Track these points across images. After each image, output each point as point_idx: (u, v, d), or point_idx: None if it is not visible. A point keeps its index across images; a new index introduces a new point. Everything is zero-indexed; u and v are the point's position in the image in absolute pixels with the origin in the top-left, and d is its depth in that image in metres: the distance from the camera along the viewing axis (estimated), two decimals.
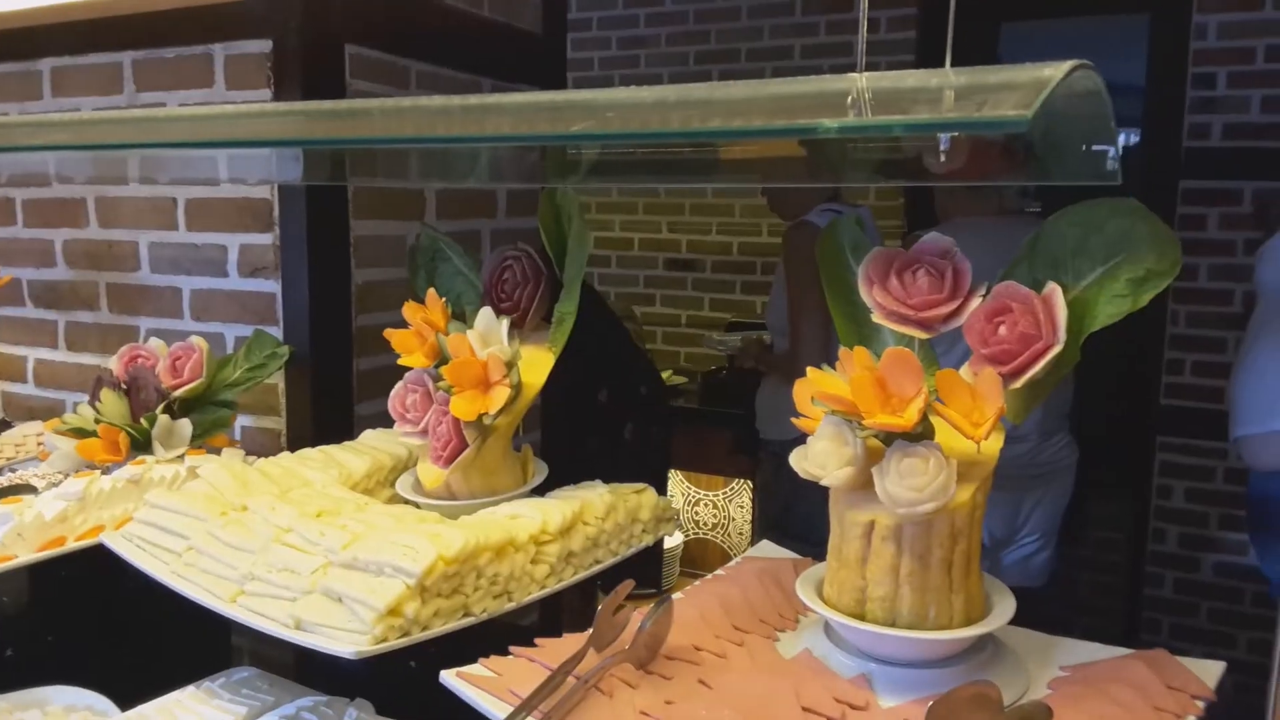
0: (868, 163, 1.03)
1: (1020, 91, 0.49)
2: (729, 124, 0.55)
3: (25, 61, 1.94)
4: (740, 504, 3.68)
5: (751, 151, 0.89)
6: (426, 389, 1.31)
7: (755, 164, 1.04)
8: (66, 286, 1.95)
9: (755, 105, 0.57)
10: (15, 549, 1.24)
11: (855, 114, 0.60)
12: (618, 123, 0.56)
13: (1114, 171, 0.77)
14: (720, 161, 1.06)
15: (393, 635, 0.98)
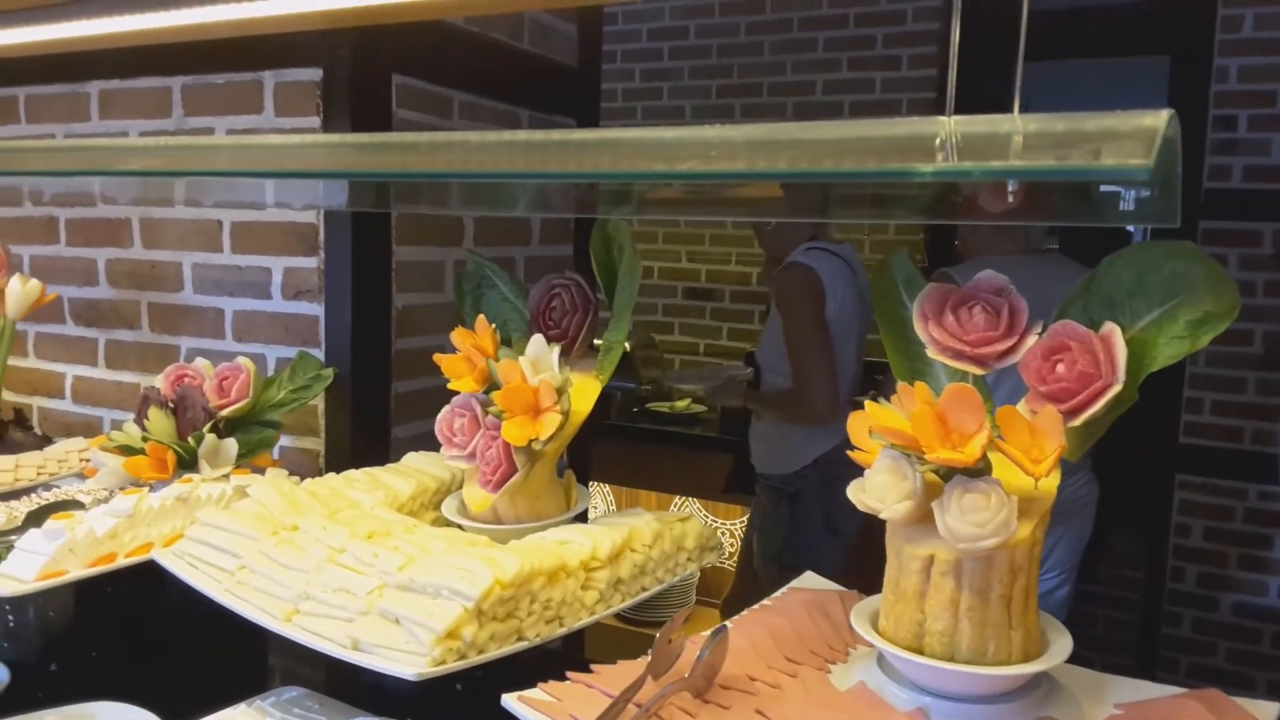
0: (921, 200, 1.05)
1: (1131, 140, 0.51)
2: (840, 165, 0.57)
3: (73, 83, 1.98)
4: None
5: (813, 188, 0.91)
6: (474, 414, 1.33)
7: (814, 199, 1.06)
8: (108, 305, 1.98)
9: (849, 146, 0.59)
10: (67, 564, 1.25)
11: (944, 157, 0.62)
12: (722, 162, 0.58)
13: (1174, 213, 0.80)
14: (780, 198, 1.09)
15: (451, 658, 0.99)
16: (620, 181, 0.85)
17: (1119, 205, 0.81)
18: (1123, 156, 0.51)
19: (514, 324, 1.45)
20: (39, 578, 1.23)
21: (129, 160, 1.56)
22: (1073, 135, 0.57)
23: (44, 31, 1.51)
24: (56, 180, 2.04)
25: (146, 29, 1.49)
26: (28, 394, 2.11)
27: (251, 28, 1.49)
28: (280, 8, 1.34)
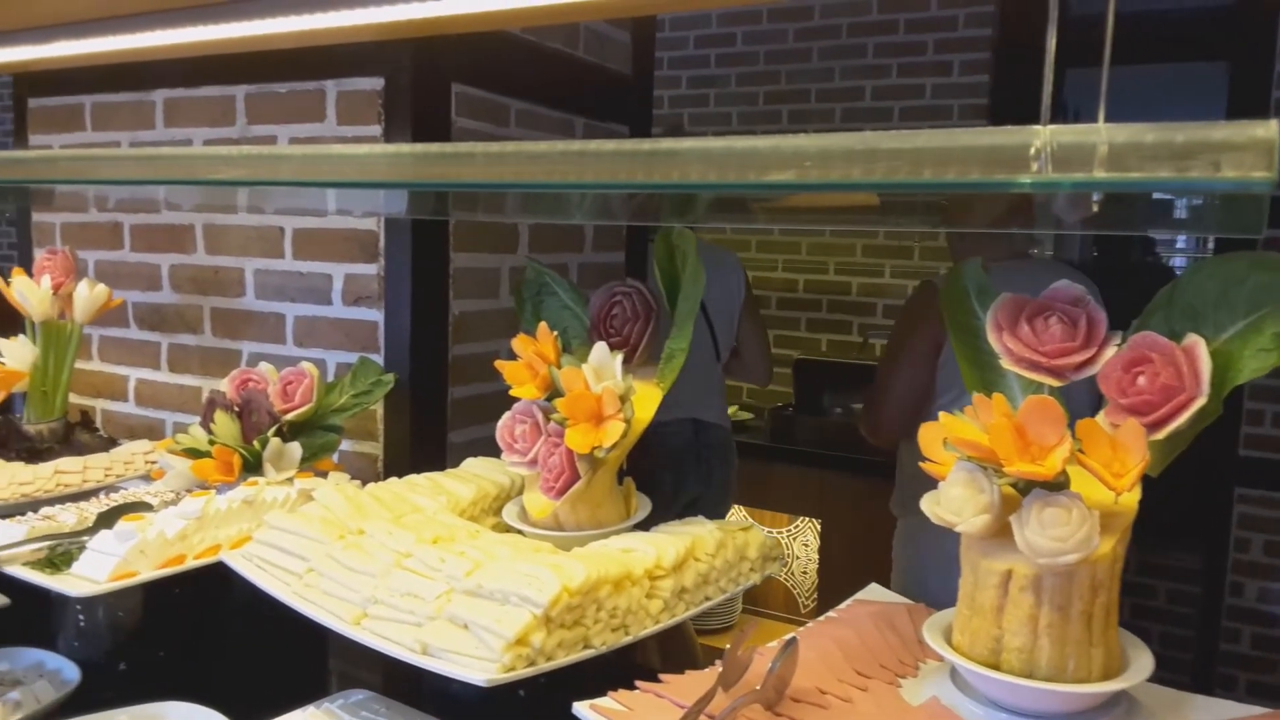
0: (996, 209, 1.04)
1: (1249, 152, 0.50)
2: (942, 176, 0.56)
3: (139, 92, 2.02)
4: (805, 541, 3.65)
5: (895, 198, 0.90)
6: (536, 420, 1.33)
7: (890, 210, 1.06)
8: (171, 310, 2.02)
9: (949, 156, 0.58)
10: (138, 565, 1.27)
11: (1039, 167, 0.62)
12: (816, 173, 0.58)
13: (1259, 224, 0.78)
14: (856, 207, 1.08)
15: (520, 664, 0.99)
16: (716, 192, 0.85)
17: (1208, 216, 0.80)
18: (1245, 169, 0.50)
19: (574, 331, 1.45)
20: (111, 578, 1.25)
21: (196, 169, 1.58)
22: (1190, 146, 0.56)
23: (113, 42, 1.54)
24: (122, 187, 2.09)
25: (213, 40, 1.51)
26: (92, 396, 2.16)
27: (315, 38, 1.51)
28: (344, 19, 1.36)
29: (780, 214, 1.46)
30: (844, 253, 3.93)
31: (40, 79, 2.16)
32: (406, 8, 1.28)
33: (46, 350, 1.77)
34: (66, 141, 2.14)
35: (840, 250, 3.93)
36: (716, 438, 2.92)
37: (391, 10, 1.30)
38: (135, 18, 1.49)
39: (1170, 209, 0.88)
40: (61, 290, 1.78)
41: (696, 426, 2.85)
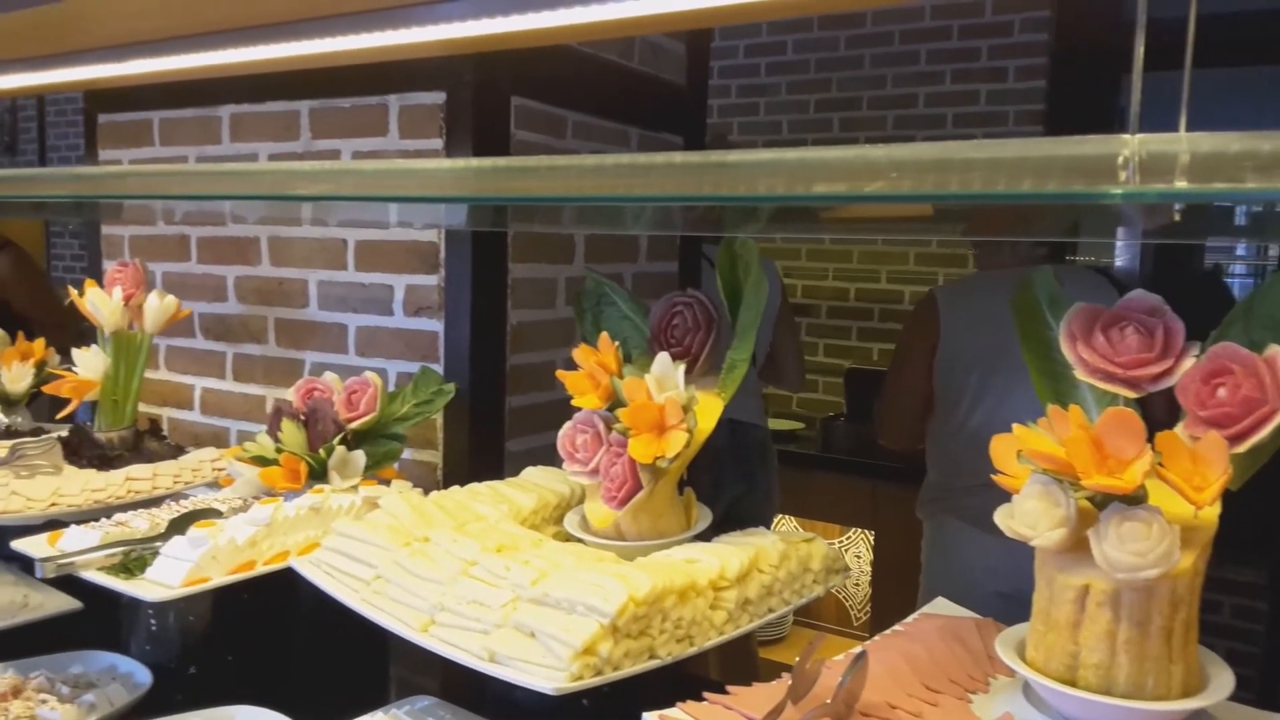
0: (1065, 217, 1.03)
1: None
2: (1040, 186, 0.56)
3: (206, 107, 2.07)
4: (857, 553, 3.62)
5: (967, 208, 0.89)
6: (597, 430, 1.34)
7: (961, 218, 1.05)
8: (236, 320, 2.06)
9: (1039, 166, 0.58)
10: (209, 571, 1.30)
11: (1127, 177, 0.61)
12: (908, 184, 0.58)
13: None
14: (916, 216, 1.07)
15: (588, 673, 1.00)
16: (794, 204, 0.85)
17: None
18: None
19: (633, 341, 1.46)
20: (184, 584, 1.28)
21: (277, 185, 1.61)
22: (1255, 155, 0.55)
23: (182, 61, 1.58)
24: (189, 201, 2.14)
25: (280, 58, 1.54)
26: (158, 405, 2.21)
27: (378, 55, 1.54)
28: (409, 37, 1.38)
29: (845, 223, 1.46)
30: (897, 261, 3.90)
31: (110, 95, 2.22)
32: (470, 25, 1.30)
33: (117, 360, 1.81)
34: (135, 156, 2.20)
35: (893, 259, 3.90)
36: (755, 437, 2.95)
37: (456, 28, 1.32)
38: (203, 37, 1.53)
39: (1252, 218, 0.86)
40: (132, 301, 1.82)
41: (733, 427, 2.87)
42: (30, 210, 2.67)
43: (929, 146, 0.66)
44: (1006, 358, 2.36)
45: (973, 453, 2.47)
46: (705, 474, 2.80)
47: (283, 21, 1.43)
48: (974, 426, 2.43)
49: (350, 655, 1.56)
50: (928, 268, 3.85)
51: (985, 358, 2.40)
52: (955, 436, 2.49)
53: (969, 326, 2.44)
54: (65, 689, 1.36)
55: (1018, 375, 2.44)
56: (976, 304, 2.48)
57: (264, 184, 1.54)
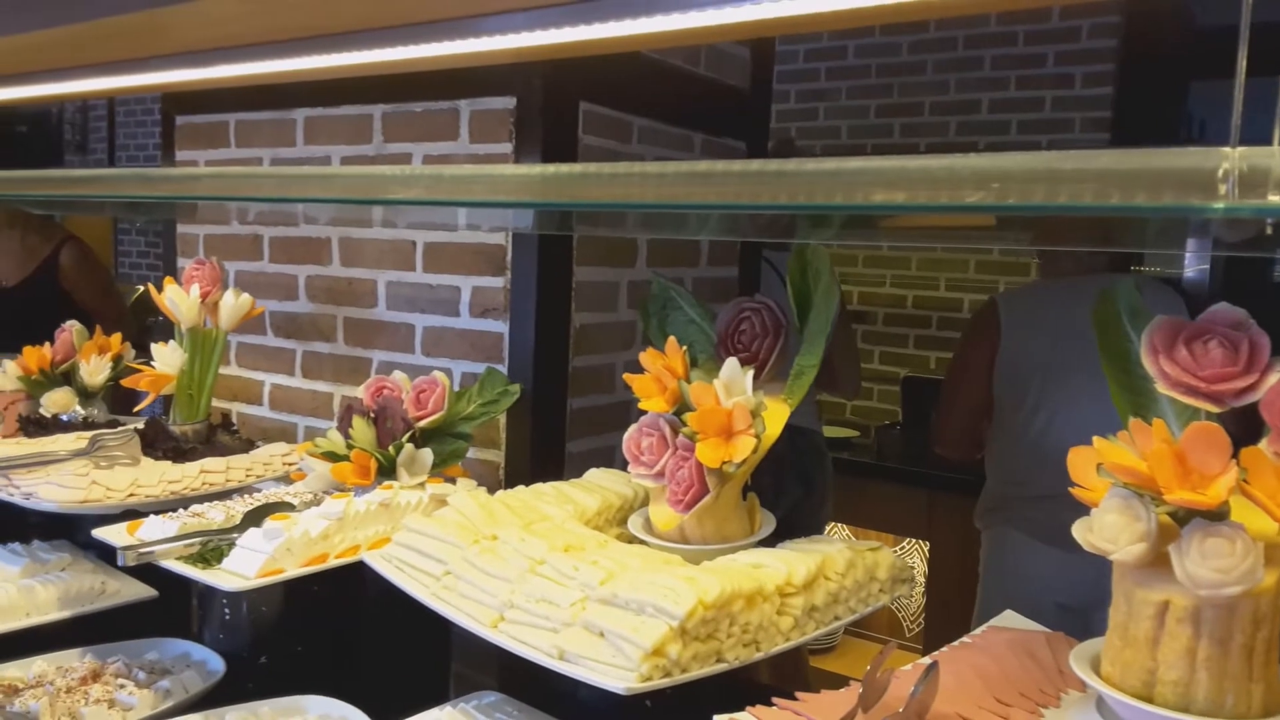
0: (1147, 229, 1.01)
1: None
2: (1130, 199, 0.56)
3: (281, 111, 2.12)
4: (911, 564, 3.58)
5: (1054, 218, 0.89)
6: (662, 434, 1.35)
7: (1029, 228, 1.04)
8: (306, 319, 2.11)
9: (1134, 178, 0.57)
10: (284, 563, 1.34)
11: (1227, 190, 0.60)
12: (1015, 195, 0.58)
13: None
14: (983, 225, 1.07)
15: (657, 674, 1.01)
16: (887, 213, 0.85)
17: None
18: None
19: (699, 345, 1.47)
20: (260, 574, 1.31)
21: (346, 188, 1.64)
22: None
23: (258, 67, 1.62)
24: (263, 202, 2.20)
25: (354, 64, 1.57)
26: (228, 399, 2.27)
27: (450, 63, 1.56)
28: (481, 45, 1.40)
29: (915, 232, 1.45)
30: (956, 268, 3.86)
31: (187, 98, 2.29)
32: (539, 35, 1.32)
33: (193, 355, 1.87)
34: (211, 157, 2.26)
35: (952, 266, 3.86)
36: (812, 443, 2.94)
37: (524, 38, 1.34)
38: (281, 44, 1.56)
39: None
40: (208, 298, 1.88)
41: (791, 432, 2.86)
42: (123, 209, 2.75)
43: (1026, 157, 0.65)
44: (1068, 366, 2.35)
45: (1032, 463, 2.46)
46: (764, 479, 2.81)
47: (358, 30, 1.46)
48: (1033, 436, 2.41)
49: (412, 650, 1.59)
50: (989, 276, 3.81)
51: (1046, 366, 2.38)
52: (1014, 446, 2.47)
53: (1030, 334, 2.42)
54: (142, 674, 1.41)
55: (1079, 384, 2.43)
56: (1037, 312, 2.46)
57: (349, 187, 1.57)
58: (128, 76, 1.76)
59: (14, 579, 1.57)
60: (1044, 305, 2.47)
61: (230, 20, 1.46)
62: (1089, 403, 2.33)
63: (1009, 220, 1.03)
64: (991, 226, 1.19)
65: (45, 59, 1.75)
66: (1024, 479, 2.46)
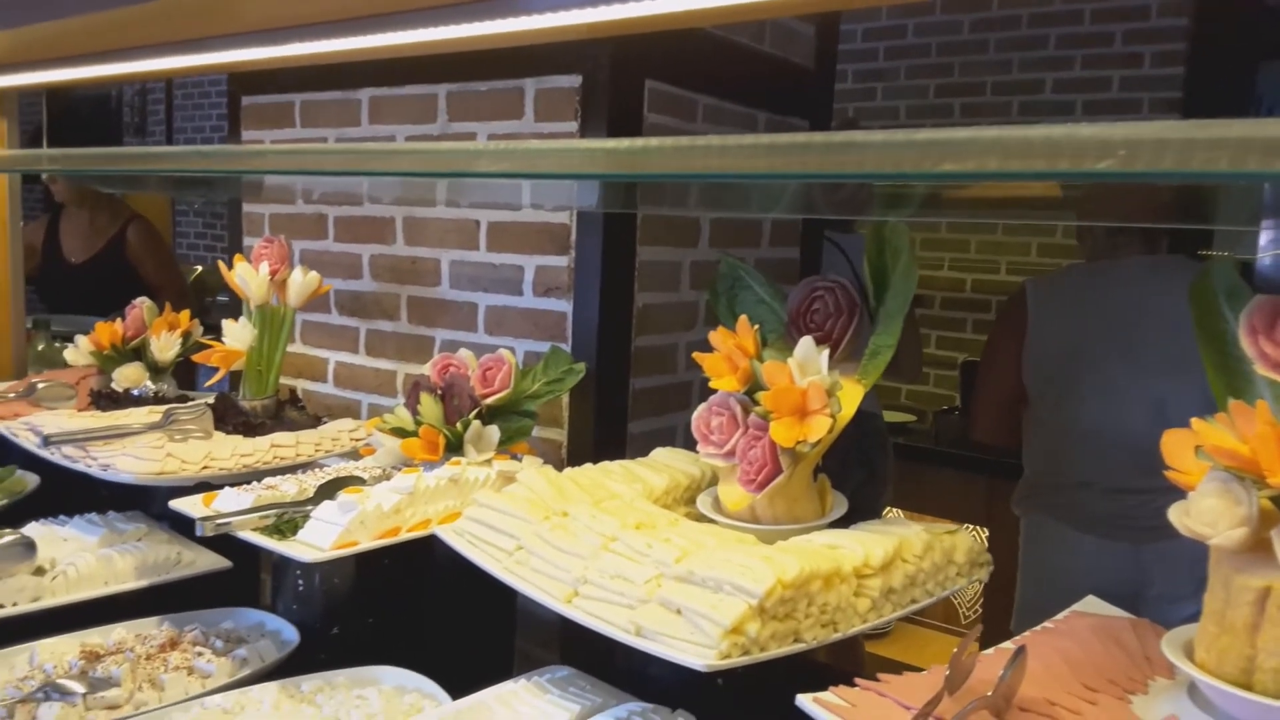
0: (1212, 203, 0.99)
1: None
2: (1270, 165, 0.53)
3: (346, 91, 2.13)
4: None
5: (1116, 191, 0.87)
6: (732, 413, 1.34)
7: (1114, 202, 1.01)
8: (370, 297, 2.13)
9: (1234, 145, 0.55)
10: (358, 535, 1.35)
11: None
12: (1142, 162, 0.56)
13: None
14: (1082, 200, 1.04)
15: (736, 652, 1.00)
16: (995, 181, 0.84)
17: None
18: None
19: (769, 325, 1.45)
20: (334, 546, 1.33)
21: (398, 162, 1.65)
22: None
23: (322, 46, 1.62)
24: (327, 181, 2.22)
25: (421, 42, 1.57)
26: (293, 376, 2.30)
27: (518, 39, 1.56)
28: (547, 21, 1.39)
29: (1004, 208, 1.42)
30: (1017, 251, 3.79)
31: (253, 78, 2.31)
32: (604, 10, 1.31)
33: (262, 332, 1.89)
34: (276, 137, 2.29)
35: (1013, 249, 3.79)
36: (874, 425, 2.93)
37: (593, 12, 1.33)
38: (347, 22, 1.57)
39: None
40: (277, 276, 1.90)
41: (854, 415, 2.84)
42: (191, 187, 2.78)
43: (1157, 125, 0.63)
44: (1102, 352, 2.32)
45: (1065, 449, 2.43)
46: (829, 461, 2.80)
47: (425, 7, 1.46)
48: (1067, 423, 2.38)
49: (476, 623, 1.60)
50: (1050, 259, 3.73)
51: (1078, 352, 2.35)
52: (1049, 433, 2.45)
53: (1060, 319, 2.39)
54: (219, 643, 1.43)
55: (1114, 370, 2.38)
56: (1069, 297, 2.42)
57: (416, 162, 1.58)
58: (196, 55, 1.78)
59: (92, 548, 1.61)
60: (1076, 290, 2.44)
61: None
62: (1125, 388, 2.30)
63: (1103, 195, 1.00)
64: (1089, 200, 1.16)
65: (116, 39, 1.77)
66: (1059, 466, 2.45)
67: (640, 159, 1.25)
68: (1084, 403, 2.33)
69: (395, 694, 1.29)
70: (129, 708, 1.25)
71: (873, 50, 4.00)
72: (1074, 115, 3.59)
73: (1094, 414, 2.32)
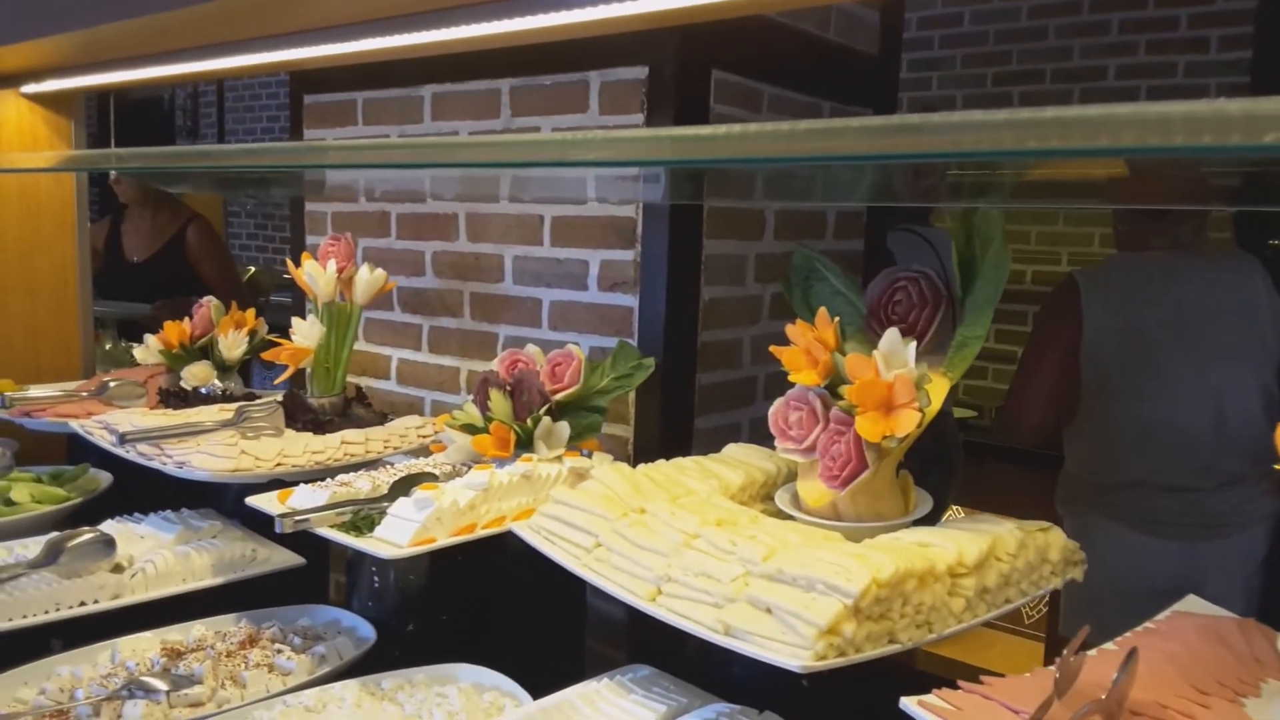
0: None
1: None
2: None
3: (408, 88, 2.13)
4: None
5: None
6: (812, 407, 1.31)
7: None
8: (433, 294, 2.13)
9: None
10: (435, 532, 1.34)
11: None
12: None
13: None
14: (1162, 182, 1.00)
15: (832, 653, 0.98)
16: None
17: None
18: None
19: (847, 317, 1.42)
20: (412, 543, 1.32)
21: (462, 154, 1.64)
22: None
23: (383, 42, 1.62)
24: (389, 178, 2.22)
25: (484, 35, 1.56)
26: (357, 373, 2.31)
27: (580, 30, 1.54)
28: (611, 11, 1.37)
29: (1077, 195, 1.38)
30: (1079, 243, 3.70)
31: (314, 76, 2.32)
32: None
33: (329, 329, 1.90)
34: (338, 135, 2.30)
35: (1075, 240, 3.70)
36: (946, 422, 2.87)
37: (657, 0, 1.31)
38: (410, 17, 1.56)
39: None
40: (344, 274, 1.90)
41: None
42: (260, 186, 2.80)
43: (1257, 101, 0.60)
44: (1159, 347, 2.25)
45: (1119, 445, 2.35)
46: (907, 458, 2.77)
47: (487, 1, 1.45)
48: (1119, 417, 2.32)
49: (550, 621, 1.59)
50: (1112, 250, 3.63)
51: (1134, 346, 2.29)
52: (1100, 430, 2.38)
53: (1115, 311, 2.32)
54: (297, 640, 1.44)
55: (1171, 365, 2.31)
56: (1125, 289, 2.35)
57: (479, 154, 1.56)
58: (259, 54, 1.79)
59: (169, 546, 1.62)
60: (1129, 281, 2.37)
61: None
62: (1182, 381, 2.24)
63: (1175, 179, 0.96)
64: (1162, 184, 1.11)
65: (179, 38, 1.79)
66: (1111, 463, 2.39)
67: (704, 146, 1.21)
68: (1142, 397, 2.27)
69: (474, 691, 1.28)
70: (212, 705, 1.26)
71: (928, 39, 3.93)
72: (1138, 101, 3.49)
73: (1152, 408, 2.27)
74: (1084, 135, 0.76)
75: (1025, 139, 0.76)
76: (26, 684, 1.27)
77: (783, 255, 1.99)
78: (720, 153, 1.13)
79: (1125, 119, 0.73)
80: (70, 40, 1.82)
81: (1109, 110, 0.73)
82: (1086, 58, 3.58)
